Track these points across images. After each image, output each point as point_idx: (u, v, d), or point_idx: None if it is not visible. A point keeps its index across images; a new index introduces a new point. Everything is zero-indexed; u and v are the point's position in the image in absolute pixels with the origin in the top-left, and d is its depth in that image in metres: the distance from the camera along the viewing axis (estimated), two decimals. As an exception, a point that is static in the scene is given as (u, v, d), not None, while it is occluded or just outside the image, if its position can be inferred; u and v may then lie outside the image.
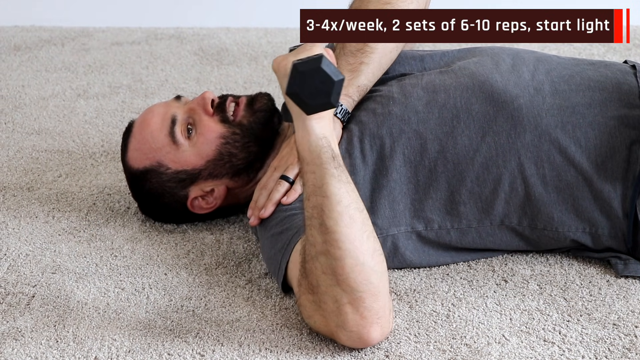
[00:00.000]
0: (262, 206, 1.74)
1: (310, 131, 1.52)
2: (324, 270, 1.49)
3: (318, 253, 1.49)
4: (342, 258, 1.48)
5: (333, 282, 1.48)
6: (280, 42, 2.95)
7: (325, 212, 1.49)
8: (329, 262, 1.48)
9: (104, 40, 3.01)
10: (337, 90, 1.48)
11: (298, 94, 1.48)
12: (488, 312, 1.63)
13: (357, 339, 1.50)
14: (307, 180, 1.52)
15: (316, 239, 1.50)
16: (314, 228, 1.50)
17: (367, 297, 1.48)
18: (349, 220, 1.49)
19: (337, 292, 1.48)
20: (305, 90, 1.48)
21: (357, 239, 1.48)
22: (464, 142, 1.72)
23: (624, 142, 1.69)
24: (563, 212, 1.70)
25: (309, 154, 1.52)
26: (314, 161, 1.51)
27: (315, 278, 1.50)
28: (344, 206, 1.49)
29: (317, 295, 1.51)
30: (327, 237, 1.48)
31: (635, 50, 2.79)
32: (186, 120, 1.85)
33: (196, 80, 2.69)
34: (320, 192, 1.50)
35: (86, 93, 2.61)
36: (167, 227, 1.94)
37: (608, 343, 1.55)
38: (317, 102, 1.48)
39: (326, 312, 1.50)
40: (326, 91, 1.48)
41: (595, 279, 1.71)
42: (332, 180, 1.50)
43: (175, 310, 1.67)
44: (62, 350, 1.57)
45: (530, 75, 1.77)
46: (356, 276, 1.47)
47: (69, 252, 1.86)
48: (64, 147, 2.29)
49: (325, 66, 1.47)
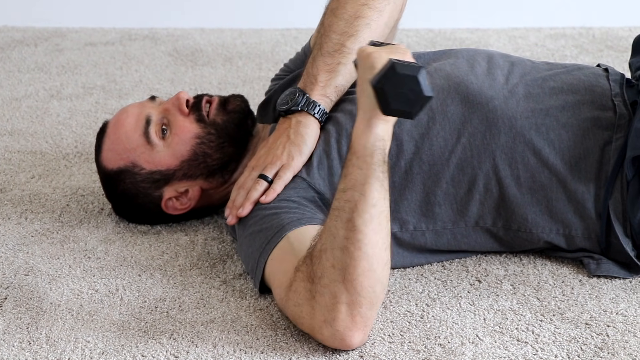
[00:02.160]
0: (239, 205, 1.73)
1: (373, 129, 1.49)
2: (334, 264, 1.48)
3: (335, 246, 1.48)
4: (358, 259, 1.47)
5: (339, 278, 1.47)
6: (254, 42, 2.95)
7: (358, 210, 1.47)
8: (344, 258, 1.47)
9: (78, 40, 3.00)
10: (422, 105, 1.46)
11: (384, 92, 1.45)
12: (462, 312, 1.64)
13: (339, 339, 1.50)
14: (349, 173, 1.50)
15: (338, 232, 1.48)
16: (340, 220, 1.48)
17: (365, 303, 1.48)
18: (377, 225, 1.48)
19: (338, 289, 1.48)
20: (393, 91, 1.45)
21: (378, 246, 1.48)
22: (439, 144, 1.72)
23: (597, 143, 1.70)
24: (537, 214, 1.71)
25: (363, 149, 1.49)
26: (365, 158, 1.49)
27: (322, 268, 1.49)
28: (377, 211, 1.48)
29: (316, 285, 1.49)
30: (350, 234, 1.47)
31: (607, 52, 2.81)
32: (161, 120, 1.84)
33: (170, 81, 2.68)
34: (360, 189, 1.48)
35: (59, 94, 2.60)
36: (141, 228, 1.93)
37: (580, 342, 1.56)
38: (399, 107, 1.46)
39: (319, 304, 1.49)
40: (412, 101, 1.45)
41: (568, 278, 1.72)
42: (376, 182, 1.48)
43: (149, 311, 1.67)
44: (35, 353, 1.57)
45: (505, 78, 1.78)
46: (363, 280, 1.47)
47: (42, 253, 1.85)
48: (37, 148, 2.28)
49: (422, 78, 1.45)
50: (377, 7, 1.78)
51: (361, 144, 1.49)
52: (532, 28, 3.00)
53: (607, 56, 2.78)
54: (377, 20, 1.79)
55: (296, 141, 1.74)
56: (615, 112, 1.73)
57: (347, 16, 1.78)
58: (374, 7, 1.78)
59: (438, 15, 3.02)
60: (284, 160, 1.73)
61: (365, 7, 1.78)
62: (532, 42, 2.89)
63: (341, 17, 1.78)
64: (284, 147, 1.74)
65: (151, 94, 2.55)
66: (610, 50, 2.82)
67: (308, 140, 1.74)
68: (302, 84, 1.78)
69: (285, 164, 1.73)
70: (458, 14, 3.06)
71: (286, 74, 1.98)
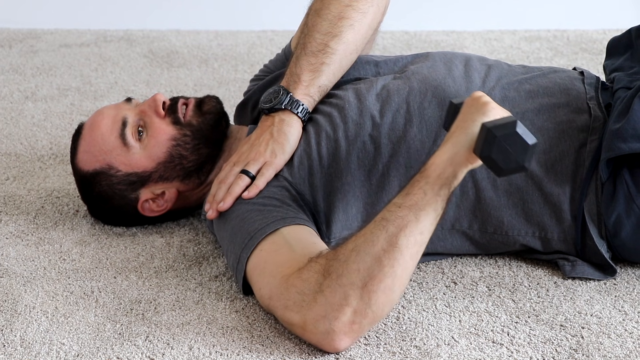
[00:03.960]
0: (220, 199, 1.73)
1: (455, 167, 1.50)
2: (360, 269, 1.48)
3: (369, 253, 1.48)
4: (386, 275, 1.47)
5: (359, 283, 1.48)
6: (230, 44, 2.95)
7: (406, 231, 1.48)
8: (373, 267, 1.48)
9: (52, 42, 2.98)
10: (531, 154, 1.46)
11: (492, 159, 1.46)
12: (437, 314, 1.64)
13: (330, 338, 1.50)
14: (412, 193, 1.50)
15: (377, 241, 1.49)
16: (385, 231, 1.49)
17: (370, 315, 1.48)
18: (416, 252, 1.49)
19: (354, 292, 1.48)
20: (499, 154, 1.45)
21: (407, 271, 1.49)
22: (416, 146, 1.73)
23: (573, 146, 1.71)
24: (513, 216, 1.72)
25: (437, 178, 1.50)
26: (434, 189, 1.49)
27: (346, 268, 1.48)
28: (422, 239, 1.49)
29: (331, 281, 1.49)
30: (389, 249, 1.48)
31: (582, 54, 2.82)
32: (137, 122, 1.84)
33: (146, 82, 2.67)
34: (416, 212, 1.49)
35: (34, 95, 2.58)
36: (117, 230, 1.93)
37: (555, 344, 1.57)
38: (511, 166, 1.46)
39: (327, 299, 1.49)
40: (521, 156, 1.45)
41: (543, 280, 1.73)
42: (433, 213, 1.49)
43: (125, 313, 1.66)
44: (10, 355, 1.56)
45: (482, 81, 1.79)
46: (380, 296, 1.48)
47: (16, 255, 1.84)
48: (11, 150, 2.27)
49: (520, 129, 1.44)
50: (361, 9, 1.79)
51: (437, 172, 1.50)
52: (507, 30, 3.01)
53: (581, 59, 2.79)
54: (361, 22, 1.80)
55: (279, 139, 1.74)
56: (590, 114, 1.74)
57: (331, 17, 1.78)
58: (358, 9, 1.79)
59: (413, 17, 3.03)
60: (267, 157, 1.73)
61: (349, 9, 1.79)
62: (507, 45, 2.90)
63: (325, 17, 1.78)
64: (267, 145, 1.74)
65: (127, 95, 2.54)
66: (584, 53, 2.83)
67: (291, 139, 1.74)
68: (285, 82, 1.78)
69: (268, 162, 1.73)
70: (433, 16, 3.06)
71: (266, 74, 1.98)
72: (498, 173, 1.48)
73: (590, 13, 3.06)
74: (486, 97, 1.54)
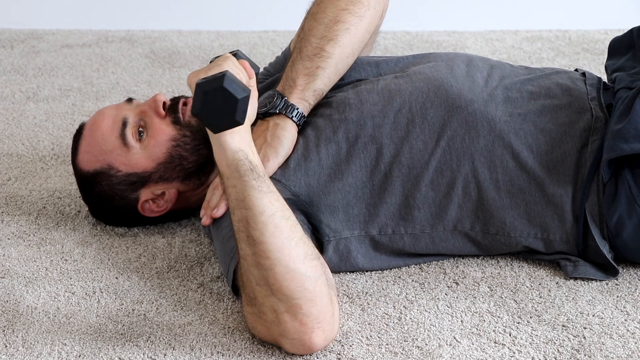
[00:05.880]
0: (214, 206, 1.73)
1: (225, 146, 1.53)
2: (257, 281, 1.50)
3: (250, 265, 1.50)
4: (272, 267, 1.48)
5: (268, 292, 1.49)
6: (232, 45, 2.95)
7: (251, 224, 1.50)
8: (261, 273, 1.49)
9: (54, 42, 2.98)
10: (242, 108, 1.46)
11: (203, 115, 1.46)
12: (439, 315, 1.64)
13: (300, 346, 1.51)
14: (229, 195, 1.53)
15: (246, 252, 1.50)
16: (243, 241, 1.51)
17: (304, 303, 1.48)
18: (274, 229, 1.49)
19: (273, 301, 1.49)
20: (209, 110, 1.45)
21: (285, 247, 1.49)
22: (418, 147, 1.73)
23: (575, 147, 1.71)
24: (515, 217, 1.72)
25: (227, 168, 1.53)
26: (233, 175, 1.52)
27: (252, 290, 1.51)
28: (267, 216, 1.50)
29: (256, 306, 1.51)
30: (255, 249, 1.49)
31: (583, 54, 2.82)
32: (137, 122, 1.84)
33: (147, 83, 2.67)
34: (243, 204, 1.51)
35: (36, 96, 2.58)
36: (118, 231, 1.93)
37: (557, 344, 1.57)
38: (223, 122, 1.47)
39: (267, 322, 1.51)
40: (230, 110, 1.46)
41: (545, 280, 1.73)
42: (253, 191, 1.51)
43: (127, 314, 1.66)
44: (11, 356, 1.56)
45: (484, 81, 1.79)
46: (289, 284, 1.48)
47: (18, 256, 1.84)
48: (13, 151, 2.27)
49: (228, 84, 1.44)
50: (357, 13, 1.79)
51: (223, 164, 1.54)
52: (509, 31, 3.01)
53: (583, 59, 2.79)
54: (357, 25, 1.79)
55: (273, 143, 1.74)
56: (592, 115, 1.74)
57: (327, 20, 1.78)
58: (354, 13, 1.79)
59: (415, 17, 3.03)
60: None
61: (346, 12, 1.79)
62: (509, 45, 2.90)
63: (321, 21, 1.78)
64: (260, 149, 1.74)
65: (128, 96, 2.54)
66: (586, 53, 2.83)
67: (285, 143, 1.74)
68: (281, 87, 1.78)
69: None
70: (435, 17, 3.06)
71: (266, 77, 1.98)
72: (213, 129, 1.48)
73: (592, 13, 3.06)
74: (190, 75, 1.55)
